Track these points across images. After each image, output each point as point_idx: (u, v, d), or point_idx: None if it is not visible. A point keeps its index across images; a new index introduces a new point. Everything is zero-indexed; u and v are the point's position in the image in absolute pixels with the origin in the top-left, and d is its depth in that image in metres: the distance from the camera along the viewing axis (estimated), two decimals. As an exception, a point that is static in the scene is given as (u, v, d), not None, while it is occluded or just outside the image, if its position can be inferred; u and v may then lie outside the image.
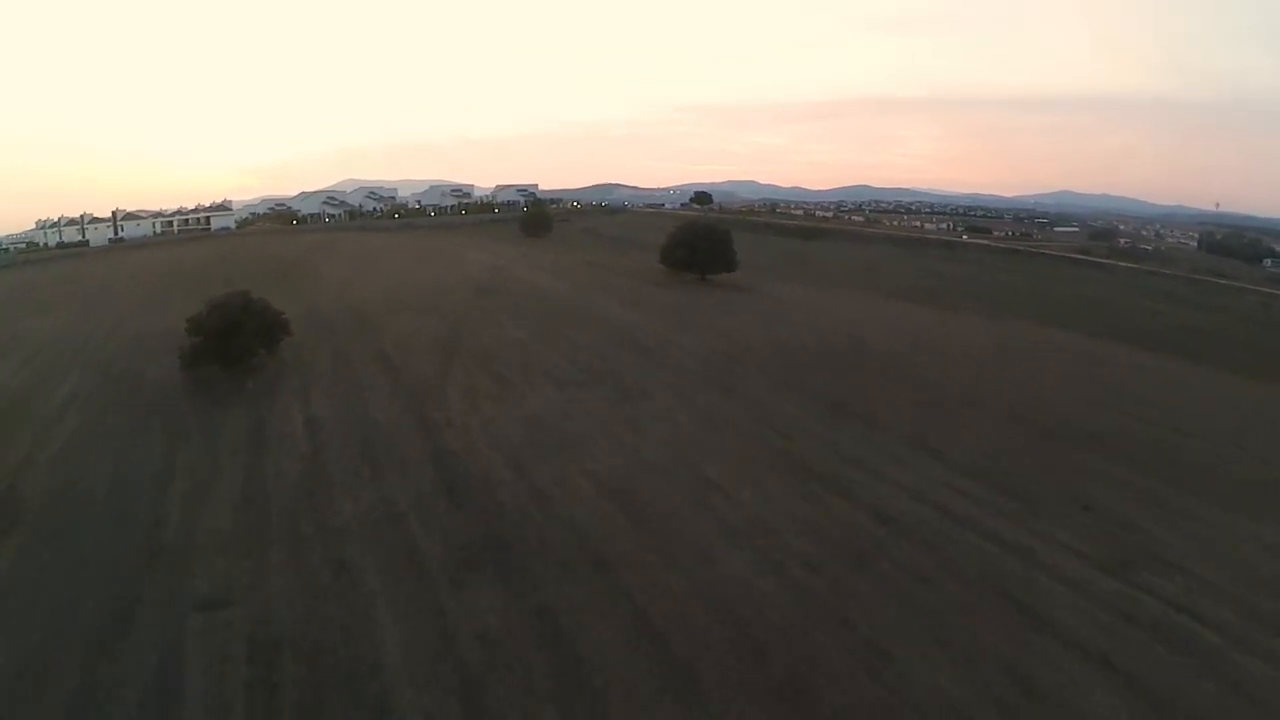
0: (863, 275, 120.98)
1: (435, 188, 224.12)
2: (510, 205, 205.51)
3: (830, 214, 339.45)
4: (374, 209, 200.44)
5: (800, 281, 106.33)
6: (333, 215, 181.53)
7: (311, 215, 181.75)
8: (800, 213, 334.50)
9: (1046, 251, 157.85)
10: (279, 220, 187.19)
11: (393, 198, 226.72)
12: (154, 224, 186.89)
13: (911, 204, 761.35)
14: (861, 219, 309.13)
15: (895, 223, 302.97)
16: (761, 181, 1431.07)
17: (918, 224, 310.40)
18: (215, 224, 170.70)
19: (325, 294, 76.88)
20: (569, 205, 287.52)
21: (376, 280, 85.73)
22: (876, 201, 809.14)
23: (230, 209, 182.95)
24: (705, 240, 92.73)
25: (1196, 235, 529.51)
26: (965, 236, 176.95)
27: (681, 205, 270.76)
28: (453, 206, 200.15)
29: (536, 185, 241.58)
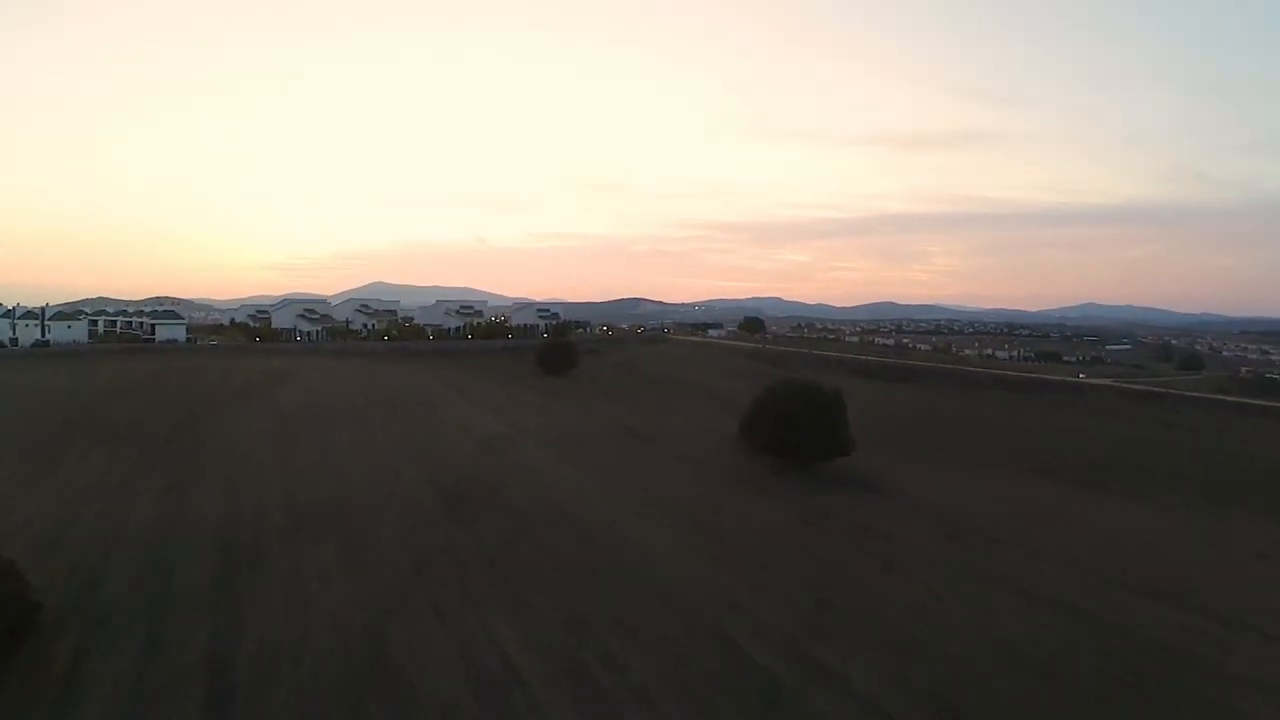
0: (1007, 443, 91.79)
1: (440, 304, 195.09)
2: (528, 330, 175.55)
3: (880, 340, 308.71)
4: (363, 326, 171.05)
5: (934, 460, 78.61)
6: (307, 333, 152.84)
7: (285, 330, 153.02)
8: (856, 339, 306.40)
9: (1189, 394, 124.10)
10: (243, 334, 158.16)
11: (392, 312, 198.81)
12: (92, 325, 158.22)
13: (945, 321, 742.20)
14: (929, 348, 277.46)
15: (966, 351, 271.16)
16: (787, 298, 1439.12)
17: (983, 349, 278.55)
18: (161, 334, 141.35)
19: (207, 488, 53.27)
20: (598, 330, 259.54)
21: (304, 458, 61.63)
22: (909, 320, 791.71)
23: (182, 318, 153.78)
24: (809, 410, 64.26)
25: (1250, 344, 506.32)
26: (1082, 376, 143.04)
27: (728, 332, 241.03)
28: (458, 328, 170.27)
29: (560, 305, 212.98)
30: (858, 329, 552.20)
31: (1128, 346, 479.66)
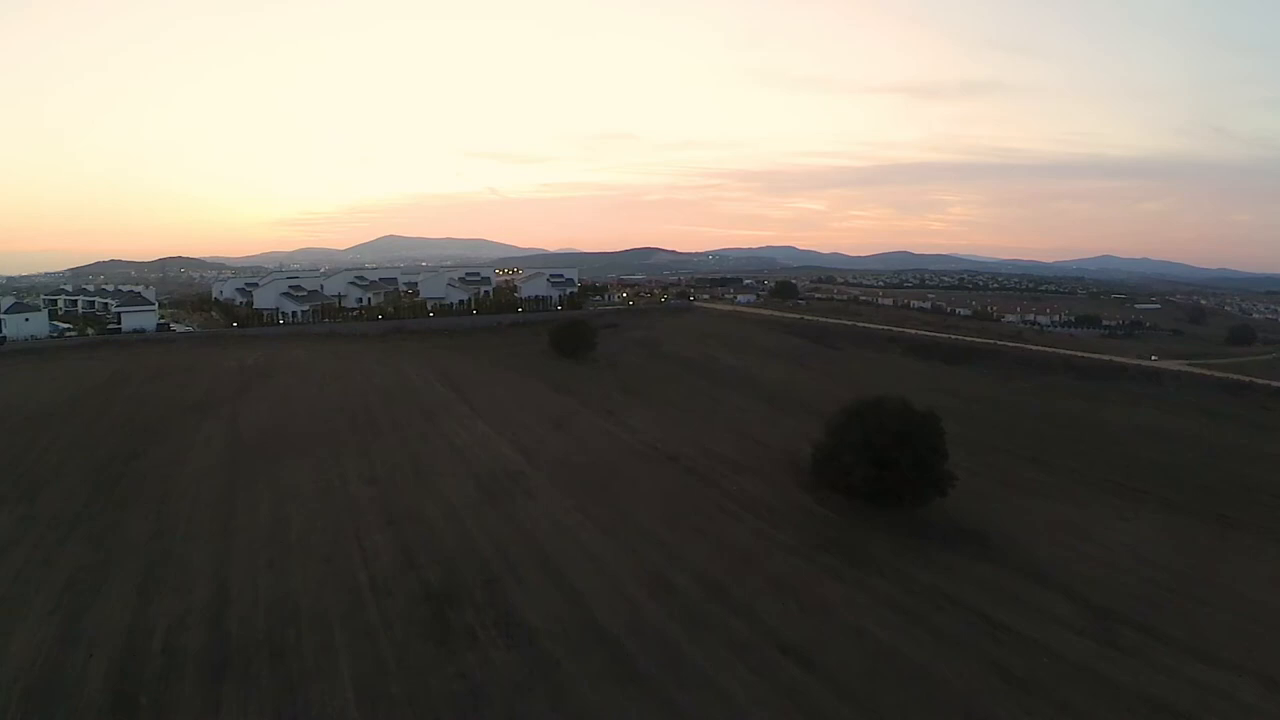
0: (1106, 454, 77.90)
1: (438, 275, 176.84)
2: (539, 301, 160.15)
3: (916, 302, 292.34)
4: (357, 301, 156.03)
5: (1038, 483, 66.36)
6: (293, 313, 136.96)
7: (267, 311, 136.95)
8: (890, 303, 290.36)
9: (1276, 384, 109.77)
10: (222, 317, 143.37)
11: (392, 281, 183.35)
12: (52, 305, 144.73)
13: (966, 274, 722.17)
14: (968, 312, 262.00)
15: (1008, 317, 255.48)
16: (800, 247, 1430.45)
17: (1027, 314, 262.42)
18: (128, 322, 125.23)
19: (117, 587, 40.41)
20: (617, 295, 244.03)
21: (249, 523, 48.62)
22: (924, 271, 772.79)
23: (151, 303, 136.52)
24: (902, 442, 51.69)
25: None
26: (1155, 358, 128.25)
27: (758, 297, 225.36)
28: (462, 301, 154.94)
29: (573, 256, 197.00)
30: (878, 283, 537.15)
31: (1157, 306, 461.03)
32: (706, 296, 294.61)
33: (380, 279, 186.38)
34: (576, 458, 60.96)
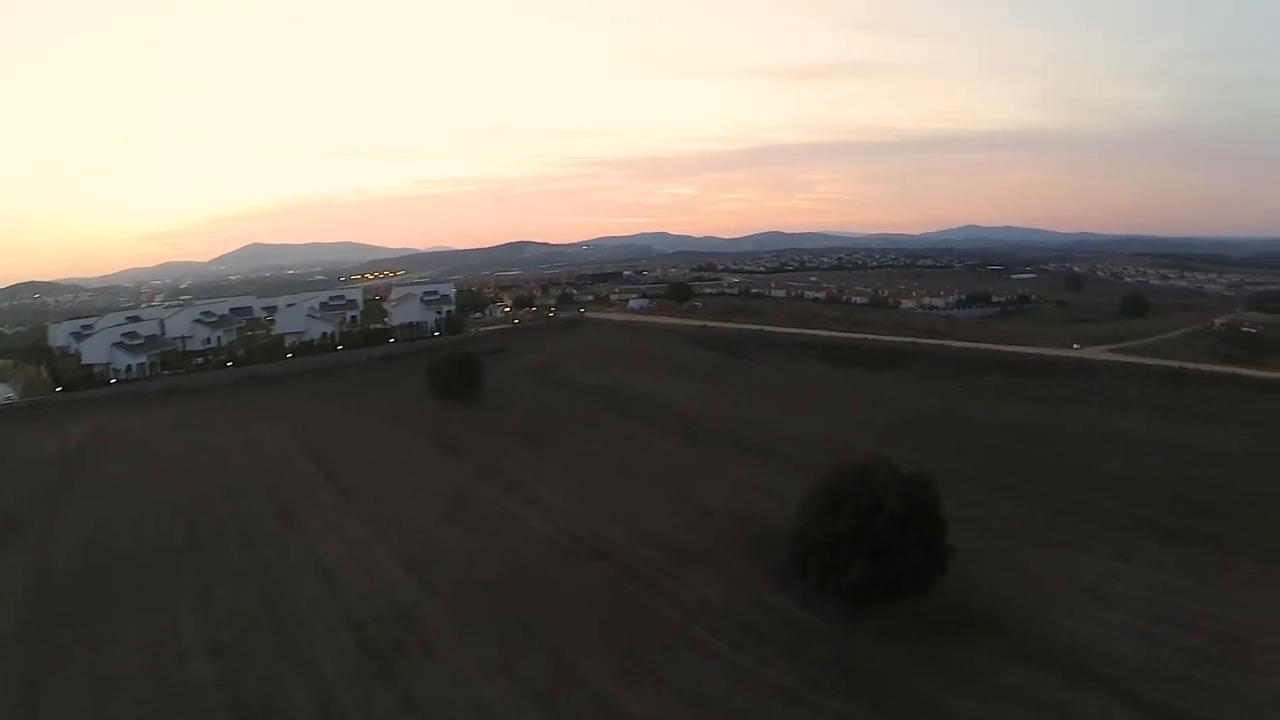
0: (1073, 470, 71.91)
1: (297, 305, 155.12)
2: (413, 328, 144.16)
3: (810, 293, 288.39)
4: (205, 343, 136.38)
5: (1022, 524, 58.64)
6: (127, 367, 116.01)
7: (98, 366, 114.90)
8: (783, 293, 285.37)
9: (1204, 370, 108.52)
10: (49, 374, 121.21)
11: (246, 311, 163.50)
12: None
13: (841, 251, 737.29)
14: (865, 300, 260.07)
15: (905, 302, 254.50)
16: (674, 233, 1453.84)
17: (921, 298, 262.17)
18: None
19: None
20: (500, 307, 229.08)
21: None
22: (803, 252, 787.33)
23: None
24: (900, 523, 42.37)
25: (1146, 267, 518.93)
26: (1077, 346, 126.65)
27: (650, 300, 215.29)
28: (327, 334, 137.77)
29: (446, 253, 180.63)
30: (760, 268, 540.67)
31: (1033, 275, 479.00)
32: (591, 297, 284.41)
33: (232, 310, 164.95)
34: (483, 569, 48.52)
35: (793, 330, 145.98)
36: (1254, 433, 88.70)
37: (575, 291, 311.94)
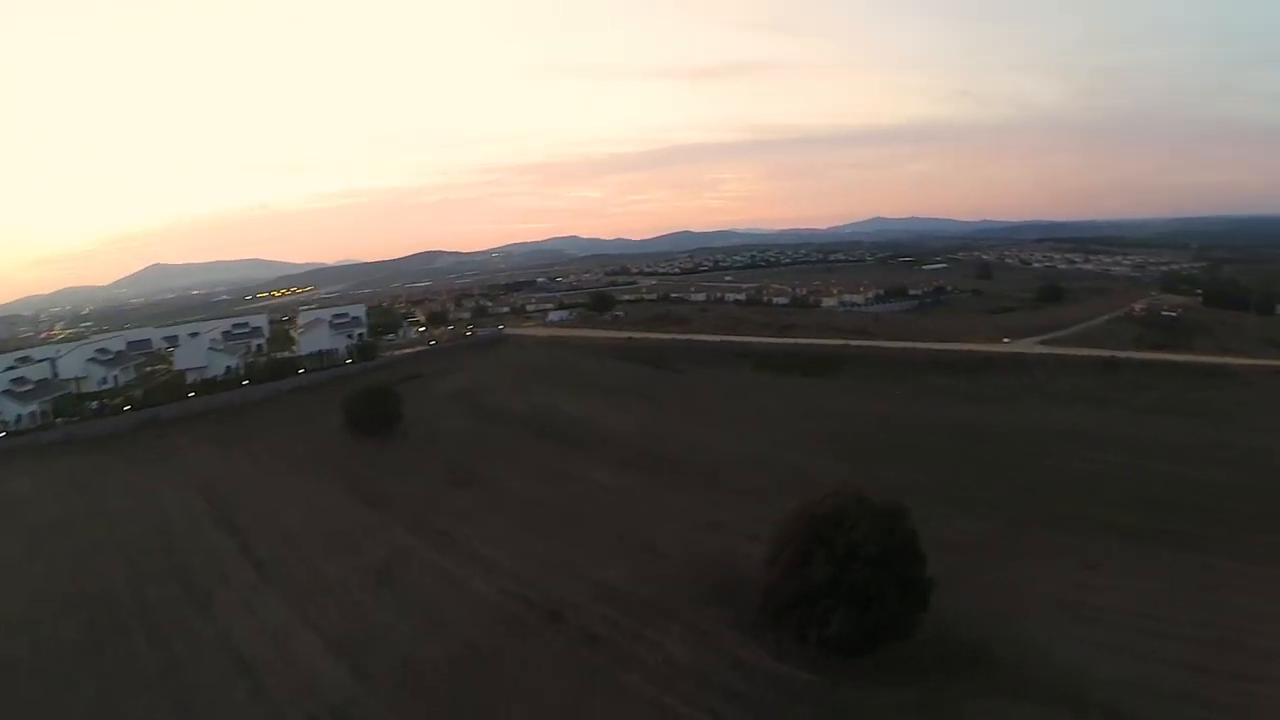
0: (1029, 474, 70.23)
1: (199, 337, 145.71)
2: (324, 356, 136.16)
3: (730, 295, 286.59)
4: (101, 383, 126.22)
5: (988, 538, 54.34)
6: (17, 416, 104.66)
7: None
8: (703, 297, 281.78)
9: (1135, 358, 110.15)
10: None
11: (145, 344, 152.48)
12: None
13: (754, 249, 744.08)
14: (787, 300, 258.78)
15: (826, 300, 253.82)
16: (585, 236, 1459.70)
17: (842, 295, 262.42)
18: None
19: None
20: (409, 319, 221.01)
21: None
22: (716, 251, 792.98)
23: None
24: (881, 565, 39.91)
25: (1052, 253, 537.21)
26: (1007, 340, 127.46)
27: (571, 313, 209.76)
28: (231, 368, 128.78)
29: (354, 267, 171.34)
30: (675, 269, 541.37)
31: (944, 265, 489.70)
32: (507, 309, 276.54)
33: (130, 345, 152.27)
34: (425, 649, 42.89)
35: (721, 338, 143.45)
36: (1193, 422, 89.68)
37: (490, 303, 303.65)
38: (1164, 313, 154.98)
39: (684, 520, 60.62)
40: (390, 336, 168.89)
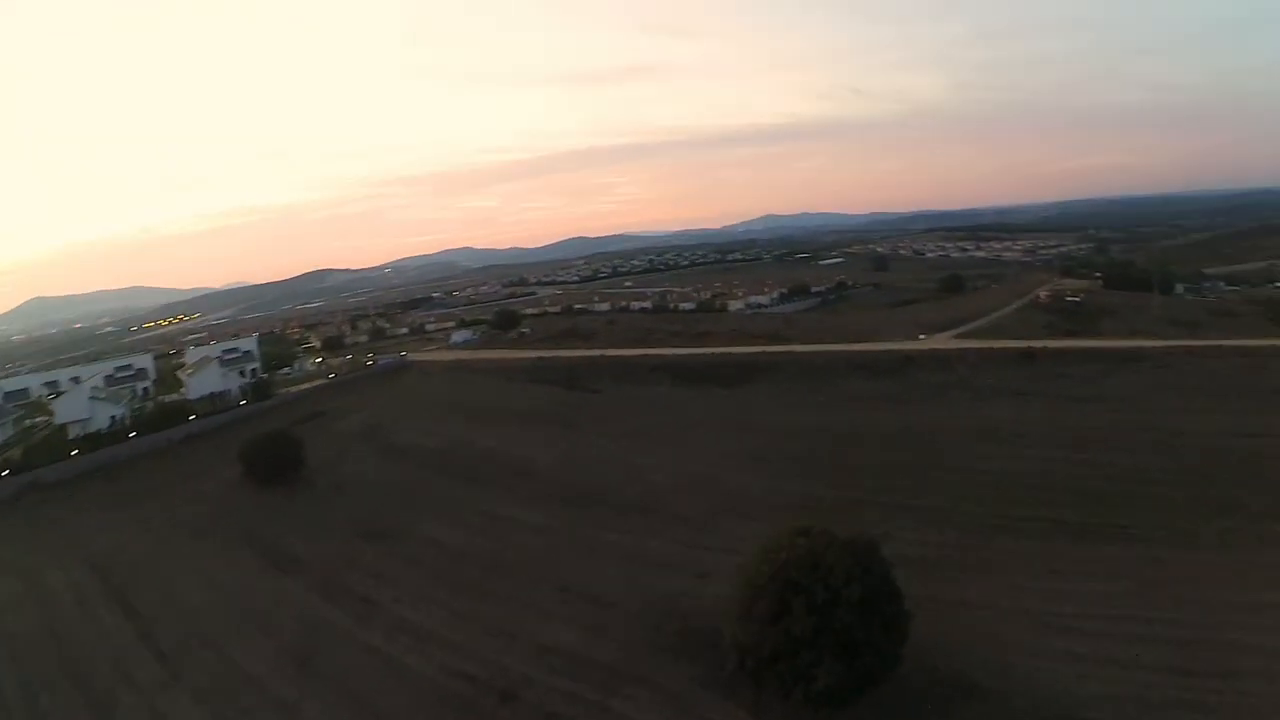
0: (976, 480, 68.39)
1: (81, 385, 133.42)
2: (216, 399, 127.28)
3: (636, 304, 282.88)
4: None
5: (948, 553, 52.39)
6: None
7: None
8: (608, 306, 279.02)
9: (1051, 347, 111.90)
10: None
11: (22, 393, 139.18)
12: None
13: (655, 253, 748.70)
14: (693, 306, 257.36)
15: (732, 304, 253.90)
16: (478, 247, 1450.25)
17: (747, 296, 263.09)
18: None
19: None
20: (303, 344, 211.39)
21: None
22: (612, 256, 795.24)
23: None
24: (864, 609, 35.94)
25: (944, 242, 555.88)
26: (922, 336, 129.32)
27: (475, 332, 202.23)
28: (116, 419, 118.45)
29: (242, 290, 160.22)
30: (574, 278, 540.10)
31: (840, 260, 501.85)
32: (405, 330, 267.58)
33: (6, 396, 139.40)
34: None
35: (634, 352, 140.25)
36: (1114, 408, 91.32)
37: (387, 324, 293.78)
38: (1068, 298, 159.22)
39: (626, 561, 56.54)
40: (286, 370, 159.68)
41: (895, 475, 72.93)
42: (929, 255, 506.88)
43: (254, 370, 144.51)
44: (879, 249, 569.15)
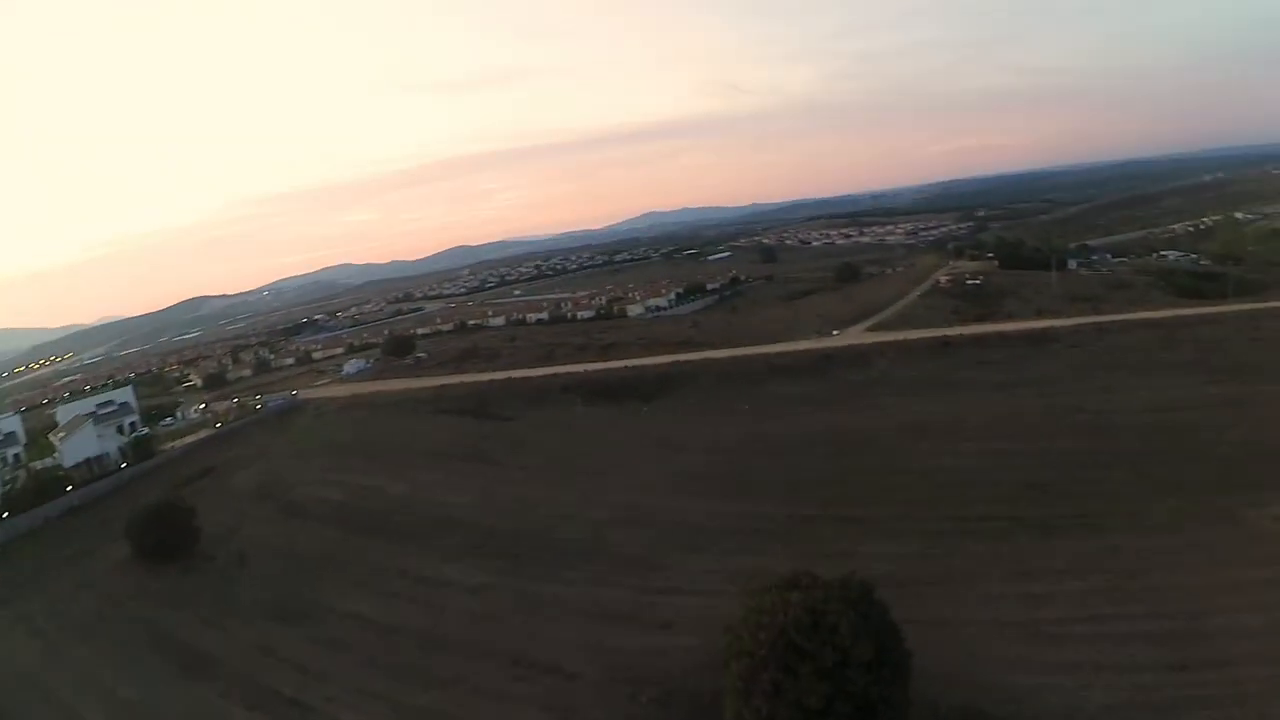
0: (928, 489, 67.38)
1: None
2: (94, 465, 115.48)
3: (532, 314, 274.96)
4: None
5: (933, 566, 50.57)
6: None
7: None
8: (502, 320, 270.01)
9: (967, 334, 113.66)
10: None
11: None
12: None
13: (541, 258, 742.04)
14: (591, 314, 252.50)
15: (631, 309, 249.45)
16: (358, 262, 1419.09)
17: (644, 298, 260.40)
18: None
19: None
20: (183, 383, 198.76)
21: None
22: (497, 263, 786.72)
23: None
24: (879, 661, 33.13)
25: (828, 229, 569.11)
26: (836, 333, 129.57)
27: (368, 360, 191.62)
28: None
29: (113, 325, 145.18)
30: (462, 290, 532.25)
31: (728, 254, 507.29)
32: (292, 360, 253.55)
33: None
34: None
35: (543, 371, 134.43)
36: (1040, 393, 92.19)
37: (272, 355, 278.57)
38: (969, 281, 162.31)
39: (577, 617, 51.72)
40: (168, 420, 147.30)
41: (839, 485, 70.85)
42: (815, 243, 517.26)
43: (133, 424, 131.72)
44: (765, 240, 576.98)
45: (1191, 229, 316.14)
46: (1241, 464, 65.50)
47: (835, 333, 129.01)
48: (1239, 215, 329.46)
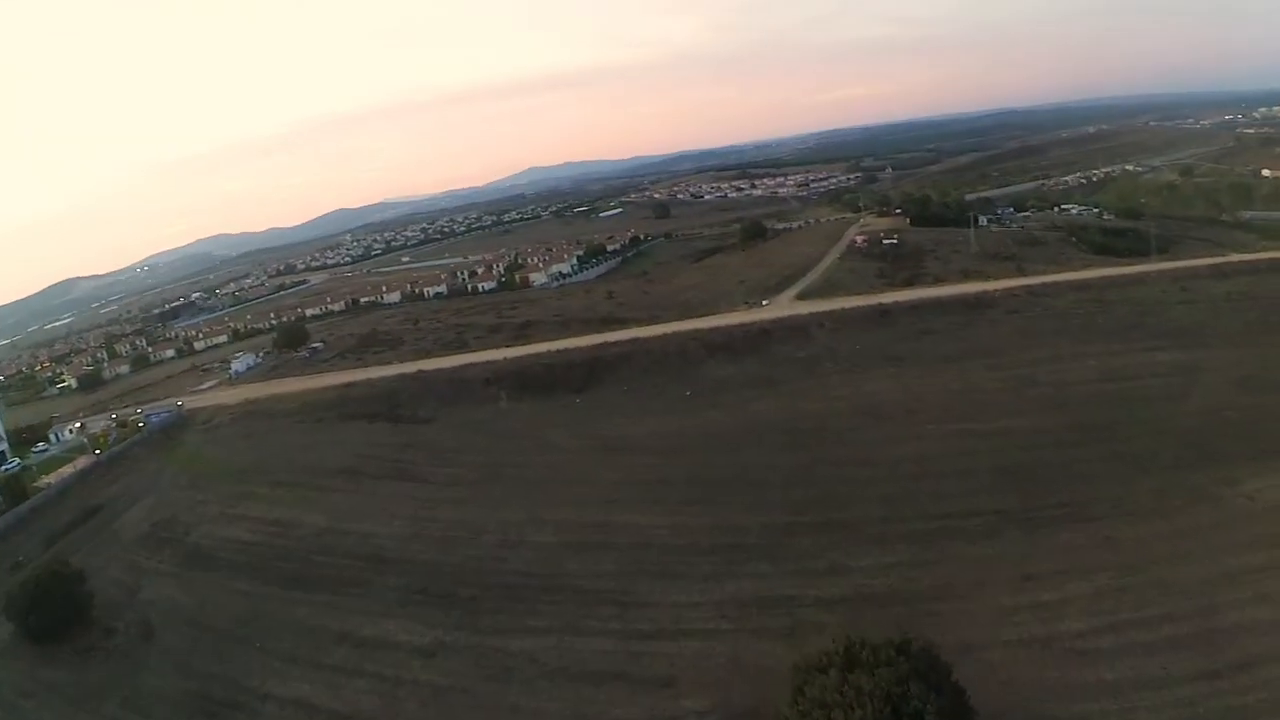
0: (899, 499, 65.30)
1: None
2: None
3: (429, 288, 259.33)
4: None
5: (909, 564, 47.44)
6: None
7: None
8: (397, 295, 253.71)
9: (903, 302, 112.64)
10: None
11: None
12: None
13: (427, 221, 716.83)
14: (494, 285, 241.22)
15: (534, 278, 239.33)
16: (233, 233, 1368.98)
17: (548, 265, 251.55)
18: None
19: None
20: (56, 384, 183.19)
21: None
22: (375, 228, 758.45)
23: None
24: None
25: (719, 182, 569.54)
26: (766, 303, 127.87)
27: (259, 356, 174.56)
28: None
29: None
30: (347, 260, 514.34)
31: (620, 211, 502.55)
32: (173, 353, 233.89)
33: None
34: None
35: (458, 361, 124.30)
36: (988, 364, 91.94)
37: (150, 347, 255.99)
38: (885, 241, 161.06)
39: (558, 682, 46.24)
40: (41, 446, 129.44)
41: (806, 484, 67.49)
42: (708, 198, 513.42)
43: (2, 455, 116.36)
44: (657, 195, 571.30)
45: (1084, 181, 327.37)
46: (1204, 437, 66.22)
47: (765, 303, 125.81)
48: (1129, 167, 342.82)
